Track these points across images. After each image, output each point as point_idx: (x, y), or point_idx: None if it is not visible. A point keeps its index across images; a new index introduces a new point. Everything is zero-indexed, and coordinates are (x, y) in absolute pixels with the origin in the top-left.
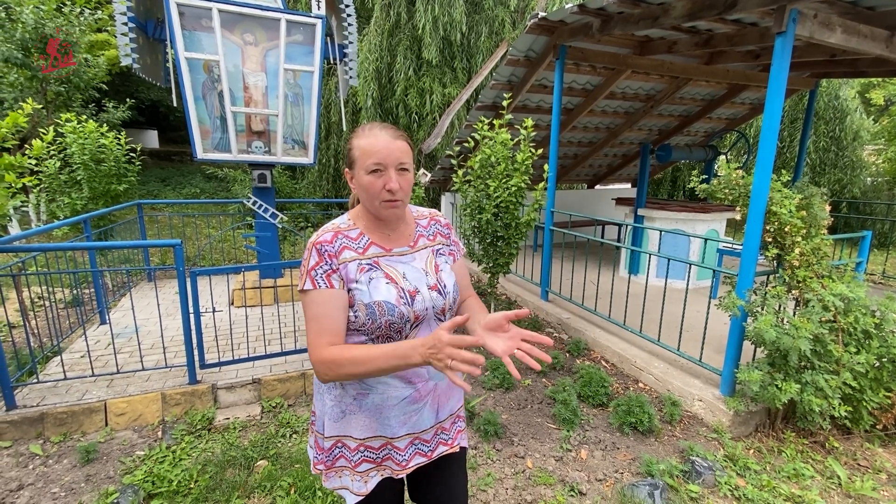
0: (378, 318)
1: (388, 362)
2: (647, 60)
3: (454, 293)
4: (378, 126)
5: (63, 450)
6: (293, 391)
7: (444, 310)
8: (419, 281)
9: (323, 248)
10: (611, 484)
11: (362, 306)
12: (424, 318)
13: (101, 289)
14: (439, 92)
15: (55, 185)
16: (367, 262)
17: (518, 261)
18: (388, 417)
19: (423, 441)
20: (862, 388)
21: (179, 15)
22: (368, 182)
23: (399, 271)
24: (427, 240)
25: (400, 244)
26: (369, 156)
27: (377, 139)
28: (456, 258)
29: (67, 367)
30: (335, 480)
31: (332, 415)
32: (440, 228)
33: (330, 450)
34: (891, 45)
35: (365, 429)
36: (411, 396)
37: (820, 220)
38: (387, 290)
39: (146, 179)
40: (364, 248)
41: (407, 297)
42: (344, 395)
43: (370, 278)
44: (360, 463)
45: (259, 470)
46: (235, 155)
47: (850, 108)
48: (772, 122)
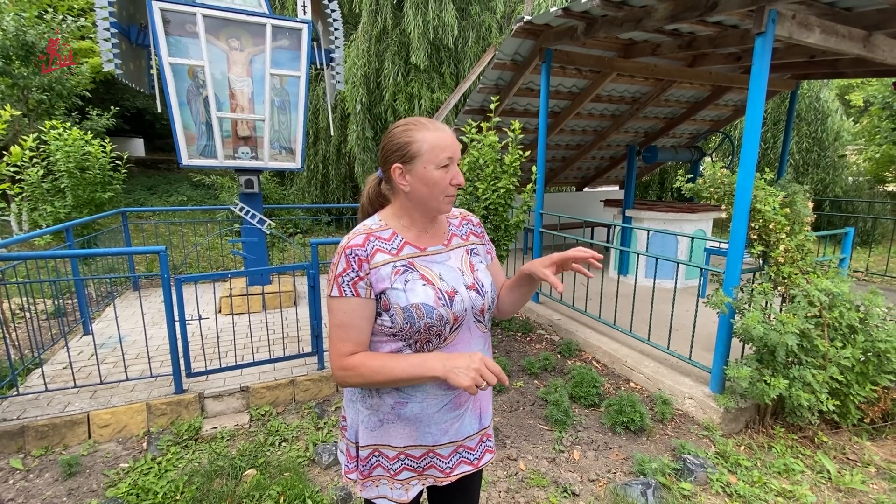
0: (417, 322)
1: (407, 372)
2: (632, 63)
3: (492, 292)
4: (428, 120)
5: (44, 464)
6: (282, 399)
7: (483, 310)
8: (456, 281)
9: (353, 252)
10: (603, 484)
11: (399, 310)
12: (464, 320)
13: (84, 298)
14: (428, 97)
15: (37, 194)
16: (401, 265)
17: (508, 263)
18: (428, 426)
19: (468, 449)
20: (849, 383)
21: (163, 21)
22: (440, 176)
23: (435, 272)
24: (460, 239)
25: (434, 243)
26: (442, 150)
27: (445, 132)
28: (492, 256)
29: (49, 379)
30: (372, 490)
31: (369, 424)
32: (473, 228)
33: (367, 459)
34: (868, 45)
35: (405, 437)
36: (452, 403)
37: (803, 217)
38: (424, 291)
39: (132, 188)
40: (398, 249)
41: (445, 298)
42: (381, 405)
43: (406, 280)
44: (400, 471)
45: (247, 479)
46: (222, 161)
47: (830, 109)
48: (754, 120)
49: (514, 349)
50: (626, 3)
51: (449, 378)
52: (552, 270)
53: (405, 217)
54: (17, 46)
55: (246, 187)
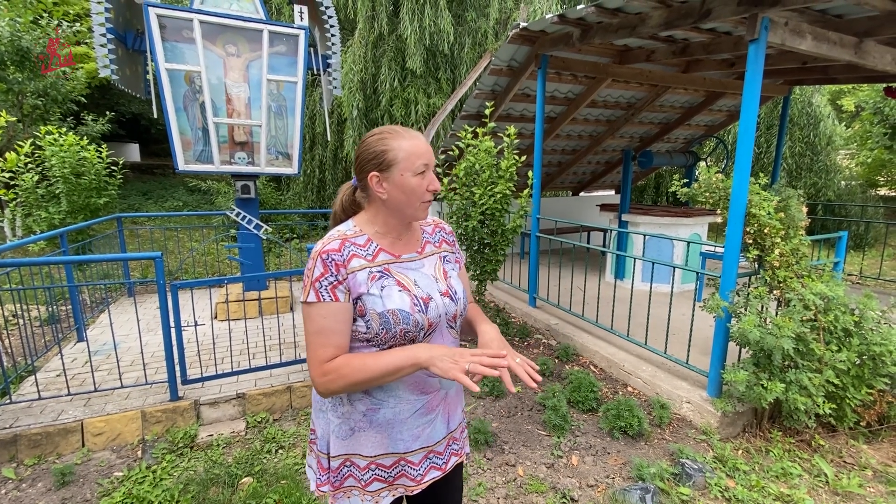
0: (393, 327)
1: (392, 364)
2: (627, 69)
3: (464, 299)
4: (402, 128)
5: (37, 473)
6: (279, 405)
7: (456, 316)
8: (431, 287)
9: (330, 257)
10: (602, 489)
11: (375, 315)
12: (437, 326)
13: (78, 305)
14: (424, 102)
15: (32, 200)
16: (377, 270)
17: (505, 268)
18: (400, 432)
19: (437, 454)
20: (845, 386)
21: (160, 27)
22: (417, 183)
23: (410, 278)
24: (434, 246)
25: (408, 250)
26: (418, 157)
27: (419, 140)
28: (461, 265)
29: (42, 387)
30: (343, 501)
31: (340, 433)
32: (445, 235)
33: (338, 469)
34: (859, 52)
35: (376, 446)
36: (424, 407)
37: (798, 222)
38: (400, 297)
39: (127, 193)
40: (374, 255)
41: (421, 304)
42: (352, 412)
43: (382, 286)
44: (370, 482)
45: (244, 487)
46: (218, 166)
47: (822, 114)
48: (748, 125)
49: None
50: (620, 10)
51: (433, 365)
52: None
53: (380, 224)
54: (11, 52)
55: (242, 192)
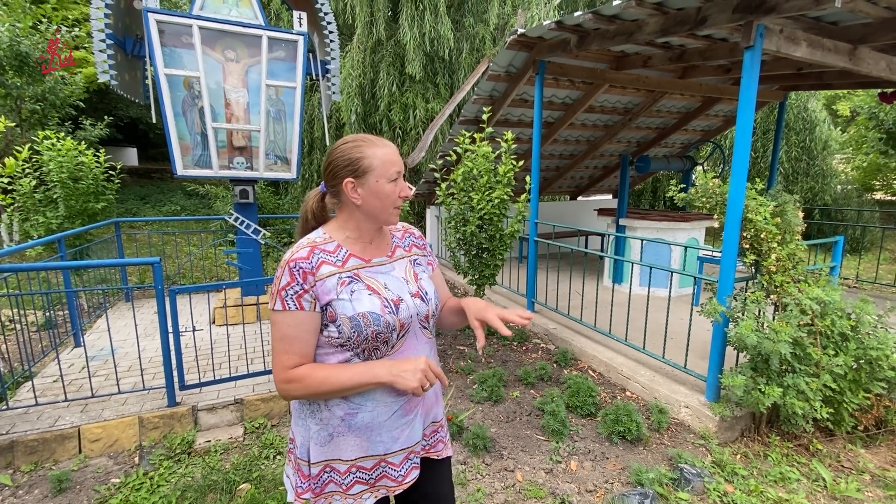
0: (364, 330)
1: (353, 380)
2: (624, 75)
3: (435, 300)
4: (374, 136)
5: (34, 479)
6: (277, 410)
7: (428, 316)
8: (401, 289)
9: (297, 265)
10: (601, 495)
11: (346, 319)
12: (410, 326)
13: (75, 310)
14: (422, 107)
15: (29, 204)
16: (347, 276)
17: (504, 272)
18: (379, 434)
19: (416, 454)
20: (842, 390)
21: (159, 32)
22: (391, 189)
23: (380, 282)
24: (403, 250)
25: (378, 254)
26: (392, 164)
27: (392, 149)
28: (434, 268)
29: (39, 393)
30: None
31: (319, 439)
32: (415, 240)
33: (318, 476)
34: (854, 58)
35: (356, 449)
36: (402, 409)
37: (794, 227)
38: (370, 300)
39: (125, 197)
40: (343, 261)
41: (391, 305)
42: (331, 418)
43: (352, 291)
44: (352, 485)
45: (242, 494)
46: (216, 171)
47: (818, 119)
48: (744, 132)
49: (510, 359)
50: (617, 17)
51: (396, 382)
52: (481, 324)
53: (351, 229)
54: (10, 57)
55: (241, 197)
